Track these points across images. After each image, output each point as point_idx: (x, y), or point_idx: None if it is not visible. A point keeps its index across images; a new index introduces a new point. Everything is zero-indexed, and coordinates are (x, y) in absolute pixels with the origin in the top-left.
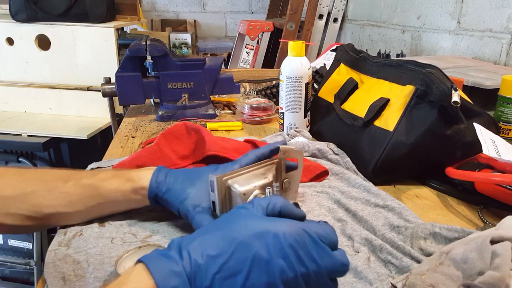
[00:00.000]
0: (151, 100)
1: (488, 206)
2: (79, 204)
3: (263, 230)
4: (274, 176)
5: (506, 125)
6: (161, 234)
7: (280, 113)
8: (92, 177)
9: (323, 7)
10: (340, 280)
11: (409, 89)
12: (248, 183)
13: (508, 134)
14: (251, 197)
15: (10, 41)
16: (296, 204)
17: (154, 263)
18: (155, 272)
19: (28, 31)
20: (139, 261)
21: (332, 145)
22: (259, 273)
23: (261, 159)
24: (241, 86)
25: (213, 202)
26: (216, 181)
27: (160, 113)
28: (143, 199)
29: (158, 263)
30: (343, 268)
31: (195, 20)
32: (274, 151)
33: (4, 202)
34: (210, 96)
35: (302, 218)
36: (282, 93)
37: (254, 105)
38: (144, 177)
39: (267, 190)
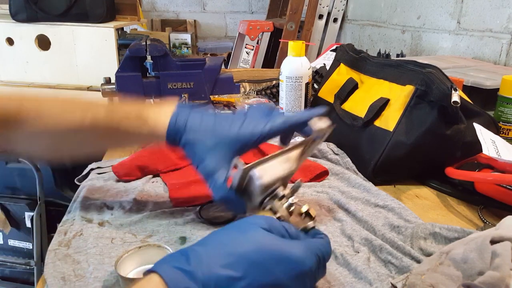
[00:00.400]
0: (151, 100)
1: (488, 206)
2: (94, 138)
3: (283, 255)
4: (297, 161)
5: (506, 125)
6: (161, 234)
7: None
8: (110, 113)
9: (323, 7)
10: (340, 280)
11: (409, 89)
12: (271, 174)
13: (508, 134)
14: (270, 190)
15: (10, 41)
16: (309, 214)
17: (171, 278)
18: None
19: (28, 31)
20: (153, 271)
21: (332, 145)
22: None
23: (290, 128)
24: (241, 86)
25: (229, 178)
26: (241, 172)
27: None
28: (159, 142)
29: (176, 279)
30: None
31: (195, 20)
32: (307, 122)
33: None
34: (210, 96)
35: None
36: (282, 93)
37: (254, 105)
38: (162, 121)
39: (289, 200)
